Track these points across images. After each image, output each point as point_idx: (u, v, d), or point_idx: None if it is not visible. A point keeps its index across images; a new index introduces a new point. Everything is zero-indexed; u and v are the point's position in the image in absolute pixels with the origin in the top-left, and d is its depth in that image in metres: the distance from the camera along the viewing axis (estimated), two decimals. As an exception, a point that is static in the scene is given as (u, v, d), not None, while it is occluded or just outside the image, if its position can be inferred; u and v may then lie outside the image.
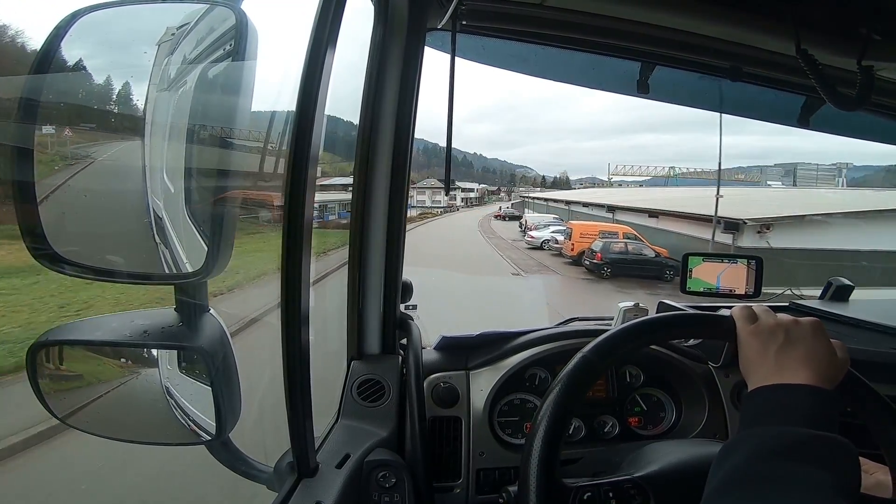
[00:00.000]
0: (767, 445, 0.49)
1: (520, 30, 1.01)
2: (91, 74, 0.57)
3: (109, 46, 0.59)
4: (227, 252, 0.56)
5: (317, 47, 0.62)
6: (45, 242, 0.52)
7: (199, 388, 0.59)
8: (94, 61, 0.57)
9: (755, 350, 0.59)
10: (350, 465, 0.81)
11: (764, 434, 0.51)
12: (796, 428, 0.50)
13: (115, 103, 0.59)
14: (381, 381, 0.99)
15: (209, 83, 0.58)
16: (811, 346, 0.57)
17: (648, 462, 0.71)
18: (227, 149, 0.56)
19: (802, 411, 0.52)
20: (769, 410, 0.54)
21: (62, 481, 2.66)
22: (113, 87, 0.58)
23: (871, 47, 0.83)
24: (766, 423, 0.53)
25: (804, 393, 0.53)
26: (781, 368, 0.56)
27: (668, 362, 1.10)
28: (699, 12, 0.87)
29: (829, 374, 0.56)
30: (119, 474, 2.65)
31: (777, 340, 0.58)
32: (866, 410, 0.63)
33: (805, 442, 0.49)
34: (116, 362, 0.61)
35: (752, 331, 0.60)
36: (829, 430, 0.50)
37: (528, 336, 1.11)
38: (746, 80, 1.09)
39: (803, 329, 0.59)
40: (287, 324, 0.64)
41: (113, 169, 0.59)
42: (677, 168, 38.80)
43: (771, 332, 0.59)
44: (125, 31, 0.60)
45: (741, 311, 0.63)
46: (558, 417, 0.61)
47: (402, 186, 1.02)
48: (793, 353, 0.57)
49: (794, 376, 0.54)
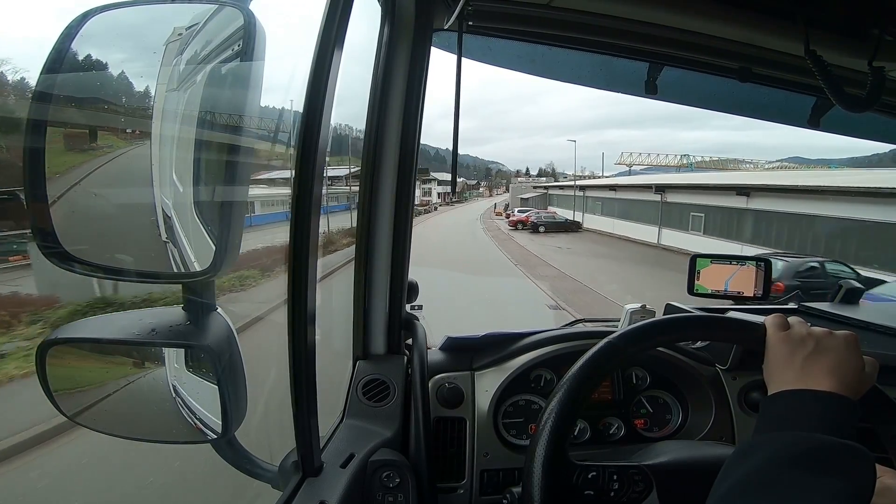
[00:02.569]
0: (786, 451, 0.49)
1: (526, 30, 1.01)
2: (102, 74, 0.57)
3: (120, 46, 0.59)
4: (234, 251, 0.56)
5: (324, 47, 0.62)
6: (55, 241, 0.52)
7: (206, 387, 0.59)
8: (104, 61, 0.57)
9: (783, 355, 0.58)
10: (354, 465, 0.81)
11: (782, 439, 0.50)
12: (814, 434, 0.50)
13: (126, 103, 0.59)
14: (386, 382, 0.99)
15: (218, 83, 0.58)
16: (841, 357, 0.56)
17: (656, 455, 0.71)
18: (235, 147, 0.56)
19: (822, 417, 0.51)
20: (788, 415, 0.53)
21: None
22: (123, 86, 0.58)
23: (883, 48, 0.83)
24: (783, 427, 0.52)
25: (826, 399, 0.53)
26: (807, 375, 0.55)
27: (674, 364, 1.09)
28: (708, 13, 0.86)
29: (854, 386, 0.55)
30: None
31: (807, 348, 0.57)
32: (884, 423, 0.62)
33: (823, 449, 0.48)
34: (124, 360, 0.62)
35: (782, 337, 0.59)
36: (846, 437, 0.49)
37: (533, 337, 1.11)
38: (756, 81, 1.08)
39: (836, 340, 0.58)
40: (293, 323, 0.64)
41: (122, 168, 0.60)
42: (691, 156, 36.81)
43: (801, 340, 0.58)
44: (136, 31, 0.61)
45: (775, 318, 0.62)
46: (564, 417, 0.60)
47: (408, 186, 1.02)
48: (821, 362, 0.56)
49: (819, 383, 0.54)
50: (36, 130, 0.52)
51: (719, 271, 1.17)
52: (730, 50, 0.99)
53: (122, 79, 0.58)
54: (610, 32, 0.97)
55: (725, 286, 1.17)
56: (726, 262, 1.18)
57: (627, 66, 1.10)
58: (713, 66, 1.08)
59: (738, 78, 1.07)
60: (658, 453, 0.72)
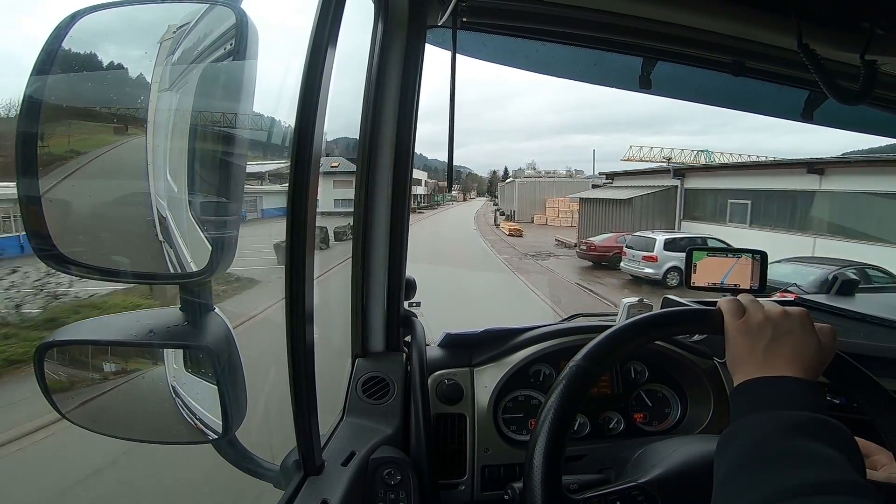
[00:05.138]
0: (771, 426, 0.49)
1: (521, 26, 1.01)
2: (92, 75, 0.57)
3: (110, 47, 0.59)
4: (230, 251, 0.56)
5: (317, 46, 0.62)
6: (50, 243, 0.52)
7: (205, 387, 0.59)
8: (94, 61, 0.57)
9: (744, 347, 0.59)
10: (355, 463, 0.81)
11: (762, 419, 0.51)
12: (793, 411, 0.51)
13: (117, 103, 0.59)
14: (385, 379, 0.99)
15: (210, 82, 0.58)
16: (799, 340, 0.58)
17: (653, 465, 0.71)
18: (229, 147, 0.56)
19: (792, 398, 0.52)
20: (760, 400, 0.54)
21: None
22: (114, 87, 0.58)
23: (875, 41, 0.83)
24: (759, 410, 0.53)
25: (789, 383, 0.54)
26: (768, 364, 0.56)
27: (673, 358, 1.10)
28: (701, 7, 0.87)
29: (813, 366, 0.56)
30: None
31: (765, 337, 0.58)
32: (863, 396, 0.64)
33: (806, 422, 0.49)
34: (123, 362, 0.62)
35: (739, 327, 0.60)
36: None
37: (532, 332, 1.11)
38: (749, 74, 1.08)
39: (791, 322, 0.59)
40: (291, 321, 0.64)
41: (116, 169, 0.59)
42: (710, 152, 31.99)
43: (759, 328, 0.59)
44: (126, 31, 0.60)
45: (729, 304, 0.63)
46: (562, 417, 0.61)
47: (404, 183, 1.02)
48: (781, 350, 0.57)
49: (781, 370, 0.55)
50: (27, 132, 0.51)
51: (716, 264, 1.18)
52: (723, 44, 0.99)
53: (113, 79, 0.57)
54: (604, 27, 0.97)
55: (722, 279, 1.17)
56: (723, 255, 1.18)
57: (621, 61, 1.10)
58: (707, 60, 1.08)
59: (732, 72, 1.07)
60: (655, 462, 0.71)
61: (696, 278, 1.19)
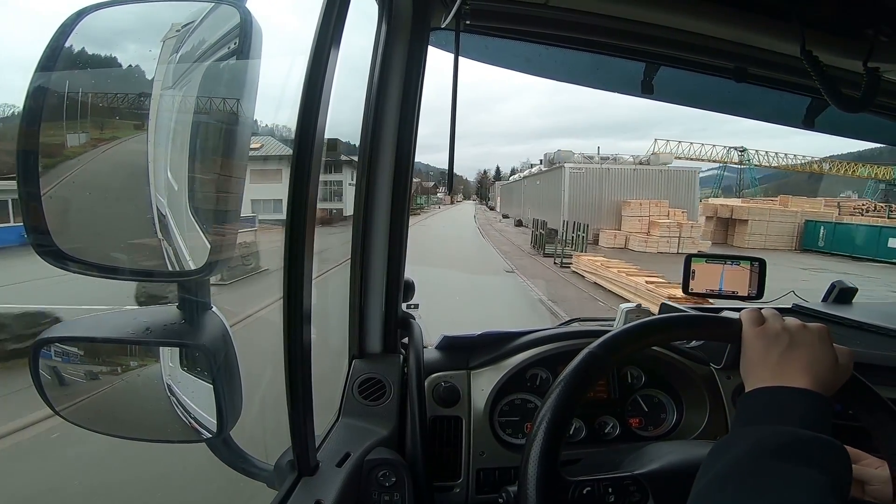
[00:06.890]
0: (764, 443, 0.49)
1: (524, 30, 1.01)
2: (96, 72, 0.57)
3: (114, 44, 0.59)
4: (229, 250, 0.56)
5: (321, 46, 0.62)
6: (48, 239, 0.52)
7: (201, 386, 0.59)
8: (98, 59, 0.57)
9: (758, 352, 0.59)
10: (350, 464, 0.81)
11: (760, 433, 0.51)
12: (791, 428, 0.50)
13: (120, 101, 0.59)
14: (382, 380, 0.99)
15: (213, 81, 0.58)
16: (815, 353, 0.57)
17: (649, 460, 0.71)
18: (230, 146, 0.56)
19: (798, 413, 0.52)
20: (765, 411, 0.54)
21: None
22: (117, 84, 0.58)
23: (878, 49, 0.83)
24: (760, 422, 0.53)
25: (801, 396, 0.53)
26: (782, 372, 0.56)
27: (669, 363, 1.10)
28: (704, 13, 0.87)
29: (828, 381, 0.56)
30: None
31: (781, 344, 0.58)
32: (872, 416, 0.63)
33: (801, 442, 0.49)
34: (119, 359, 0.62)
35: (757, 333, 0.60)
36: (822, 432, 0.50)
37: (529, 336, 1.11)
38: (751, 81, 1.08)
39: (810, 335, 0.59)
40: (289, 321, 0.64)
41: (117, 166, 0.59)
42: (748, 151, 24.62)
43: (776, 335, 0.59)
44: (130, 29, 0.60)
45: (749, 313, 0.63)
46: (559, 418, 0.61)
47: (404, 185, 1.02)
48: (795, 358, 0.57)
49: (793, 380, 0.55)
50: (29, 128, 0.51)
51: (714, 271, 1.18)
52: (726, 50, 0.99)
53: (118, 77, 0.57)
54: (607, 32, 0.97)
55: (720, 286, 1.17)
56: (721, 262, 1.18)
57: (624, 65, 1.10)
58: (709, 66, 1.08)
59: (734, 78, 1.07)
60: (651, 458, 0.72)
61: (693, 284, 1.19)
